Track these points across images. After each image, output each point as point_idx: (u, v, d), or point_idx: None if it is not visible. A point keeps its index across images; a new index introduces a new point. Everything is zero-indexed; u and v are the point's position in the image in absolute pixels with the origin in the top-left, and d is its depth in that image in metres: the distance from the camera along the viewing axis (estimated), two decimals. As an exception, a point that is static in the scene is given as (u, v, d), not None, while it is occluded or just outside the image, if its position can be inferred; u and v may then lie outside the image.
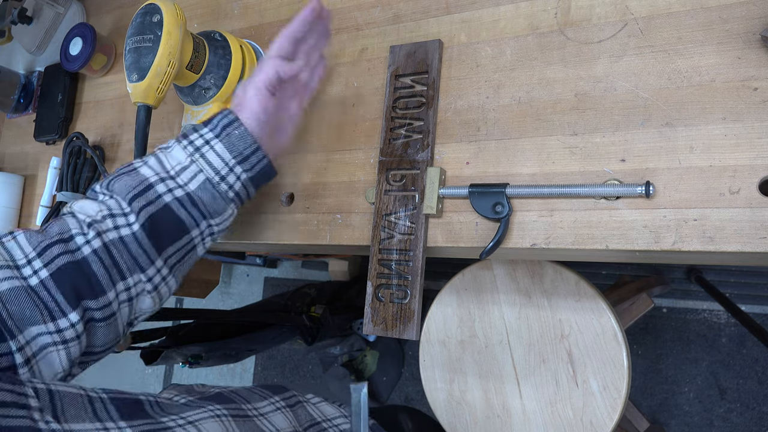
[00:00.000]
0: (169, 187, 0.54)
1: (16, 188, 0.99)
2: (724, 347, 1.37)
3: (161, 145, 0.58)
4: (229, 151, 0.56)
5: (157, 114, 0.86)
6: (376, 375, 1.70)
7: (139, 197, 0.53)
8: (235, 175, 0.56)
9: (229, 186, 0.56)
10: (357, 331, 1.67)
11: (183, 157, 0.55)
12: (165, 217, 0.53)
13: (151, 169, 0.55)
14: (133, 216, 0.52)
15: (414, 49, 0.65)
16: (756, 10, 0.51)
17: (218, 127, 0.56)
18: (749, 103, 0.49)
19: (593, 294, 0.85)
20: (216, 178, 0.55)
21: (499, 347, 0.91)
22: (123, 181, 0.54)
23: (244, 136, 0.56)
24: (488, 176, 0.60)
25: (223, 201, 0.56)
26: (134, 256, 0.52)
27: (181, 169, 0.55)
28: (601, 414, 0.82)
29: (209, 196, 0.55)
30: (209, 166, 0.55)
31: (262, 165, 0.58)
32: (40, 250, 0.48)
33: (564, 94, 0.57)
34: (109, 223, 0.52)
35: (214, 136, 0.56)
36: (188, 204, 0.54)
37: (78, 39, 0.91)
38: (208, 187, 0.55)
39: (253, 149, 0.57)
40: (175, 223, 0.54)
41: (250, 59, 0.75)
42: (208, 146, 0.56)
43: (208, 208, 0.56)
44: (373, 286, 0.62)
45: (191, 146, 0.56)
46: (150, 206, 0.53)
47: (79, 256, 0.49)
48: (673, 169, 0.51)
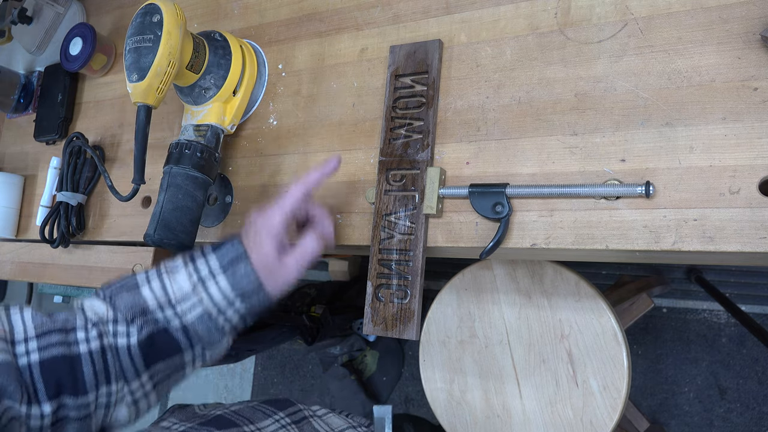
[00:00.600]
0: (166, 316, 0.54)
1: (16, 188, 0.99)
2: (724, 347, 1.37)
3: (169, 264, 0.58)
4: (232, 287, 0.56)
5: (157, 114, 0.86)
6: (376, 375, 1.70)
7: (138, 318, 0.54)
8: (234, 309, 0.56)
9: (226, 320, 0.56)
10: (357, 331, 1.67)
11: (187, 285, 0.55)
12: (162, 337, 0.54)
13: (153, 294, 0.55)
14: (134, 328, 0.53)
15: (414, 49, 0.65)
16: (756, 10, 0.51)
17: (226, 259, 0.56)
18: (749, 103, 0.49)
19: (593, 294, 0.85)
20: (214, 312, 0.55)
21: (499, 347, 0.90)
22: (124, 300, 0.55)
23: (249, 275, 0.56)
24: (488, 176, 0.60)
25: (218, 333, 0.56)
26: (123, 367, 0.52)
27: (183, 297, 0.55)
28: (601, 414, 0.82)
29: (205, 329, 0.55)
30: (210, 300, 0.55)
31: (263, 302, 0.58)
32: (41, 332, 0.49)
33: (564, 94, 0.57)
34: (110, 327, 0.53)
35: (220, 267, 0.56)
36: (184, 332, 0.55)
37: (78, 39, 0.91)
38: (205, 320, 0.55)
39: (256, 287, 0.56)
40: (170, 343, 0.54)
41: (250, 59, 0.75)
42: (213, 279, 0.56)
43: (203, 338, 0.56)
44: (373, 286, 0.62)
45: (196, 274, 0.56)
46: (149, 325, 0.54)
47: (75, 350, 0.50)
48: (673, 169, 0.51)
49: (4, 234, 0.98)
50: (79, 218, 0.89)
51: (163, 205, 0.66)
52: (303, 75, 0.74)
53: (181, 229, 0.67)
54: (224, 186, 0.77)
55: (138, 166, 0.68)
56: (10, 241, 1.01)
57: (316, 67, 0.73)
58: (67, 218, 0.88)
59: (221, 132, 0.73)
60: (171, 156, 0.69)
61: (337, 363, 1.69)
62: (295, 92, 0.74)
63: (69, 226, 0.88)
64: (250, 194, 0.75)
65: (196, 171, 0.68)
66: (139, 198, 0.84)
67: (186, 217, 0.67)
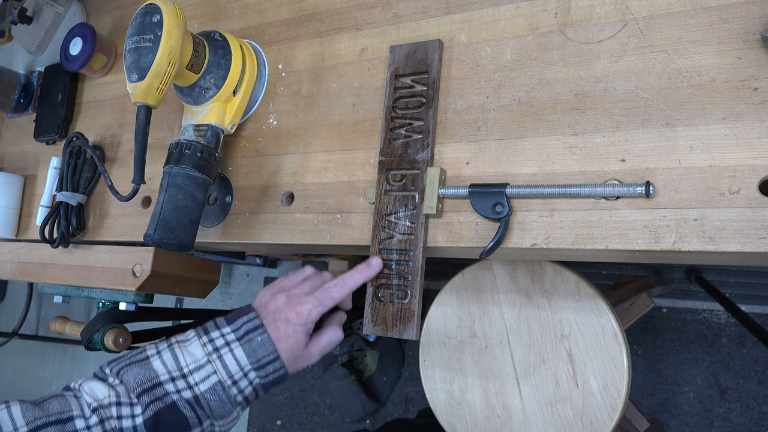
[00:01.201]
0: (178, 388, 0.53)
1: (16, 188, 0.99)
2: (724, 347, 1.36)
3: (180, 336, 0.57)
4: (247, 356, 0.55)
5: (157, 114, 0.86)
6: (376, 375, 1.70)
7: (147, 393, 0.52)
8: (248, 380, 0.56)
9: (239, 390, 0.55)
10: (357, 331, 1.67)
11: (200, 354, 0.55)
12: (170, 414, 0.52)
13: (164, 366, 0.54)
14: (139, 408, 0.52)
15: (414, 49, 0.65)
16: (756, 10, 0.51)
17: (241, 330, 0.56)
18: (749, 103, 0.49)
19: (593, 294, 0.85)
20: (228, 382, 0.55)
21: (499, 347, 0.90)
22: (133, 374, 0.53)
23: (266, 344, 0.56)
24: (488, 176, 0.60)
25: (230, 405, 0.55)
26: None
27: (196, 367, 0.54)
28: (601, 414, 0.82)
29: (217, 400, 0.54)
30: (224, 369, 0.55)
31: (277, 374, 0.57)
32: (34, 427, 0.47)
33: (564, 94, 0.57)
34: (113, 411, 0.51)
35: (236, 338, 0.56)
36: (195, 405, 0.54)
37: (78, 39, 0.91)
38: (218, 390, 0.54)
39: (273, 358, 0.56)
40: (178, 420, 0.53)
41: (250, 59, 0.75)
42: (228, 348, 0.55)
43: (214, 411, 0.54)
44: (373, 286, 0.62)
45: (210, 345, 0.55)
46: (157, 402, 0.52)
47: None
48: (673, 169, 0.51)
49: (4, 234, 0.98)
50: (79, 218, 0.89)
51: (163, 205, 0.66)
52: (303, 75, 0.74)
53: (181, 229, 0.67)
54: (224, 186, 0.77)
55: (138, 166, 0.68)
56: (10, 241, 1.01)
57: (316, 67, 0.73)
58: (67, 218, 0.88)
59: (221, 132, 0.73)
60: (171, 156, 0.69)
61: (337, 363, 1.69)
62: (295, 92, 0.74)
63: (69, 226, 0.88)
64: (250, 194, 0.75)
65: (196, 171, 0.68)
66: (139, 198, 0.84)
67: (186, 217, 0.67)
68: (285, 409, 1.86)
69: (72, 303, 2.33)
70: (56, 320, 1.06)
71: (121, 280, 0.85)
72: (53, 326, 1.05)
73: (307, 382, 1.84)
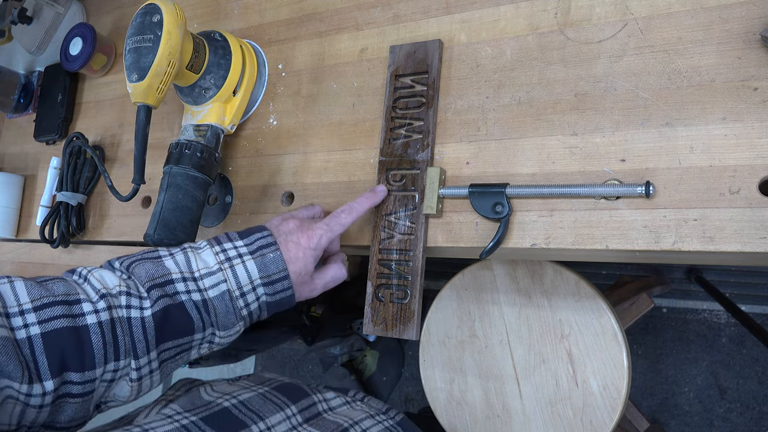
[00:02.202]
0: (188, 288, 0.53)
1: (16, 188, 0.99)
2: (724, 347, 1.37)
3: (192, 243, 0.57)
4: (258, 270, 0.55)
5: (157, 114, 0.86)
6: (376, 375, 1.70)
7: (157, 288, 0.52)
8: (256, 295, 0.56)
9: (246, 304, 0.56)
10: (357, 331, 1.67)
11: (212, 261, 0.55)
12: (177, 313, 0.52)
13: (177, 266, 0.54)
14: (147, 302, 0.51)
15: (414, 49, 0.65)
16: (756, 10, 0.51)
17: (254, 245, 0.56)
18: (749, 103, 0.49)
19: (593, 294, 0.85)
20: (237, 293, 0.55)
21: (499, 347, 0.90)
22: (145, 268, 0.53)
23: (277, 261, 0.56)
24: (488, 176, 0.60)
25: (234, 317, 0.55)
26: (135, 341, 0.50)
27: (207, 273, 0.54)
28: (601, 414, 0.82)
29: (223, 309, 0.54)
30: (234, 279, 0.55)
31: (285, 294, 0.57)
32: (39, 304, 0.45)
33: (564, 94, 0.57)
34: (123, 300, 0.50)
35: (249, 252, 0.56)
36: (202, 309, 0.53)
37: (78, 39, 0.91)
38: (226, 299, 0.54)
39: (282, 276, 0.56)
40: (184, 320, 0.53)
41: (250, 59, 0.75)
42: (240, 260, 0.55)
43: (219, 319, 0.54)
44: (373, 286, 0.62)
45: (223, 254, 0.55)
46: (167, 298, 0.52)
47: (80, 323, 0.47)
48: (673, 169, 0.51)
49: (4, 234, 0.98)
50: (79, 218, 0.89)
51: (163, 205, 0.67)
52: (303, 75, 0.74)
53: (181, 229, 0.67)
54: (224, 186, 0.77)
55: (138, 166, 0.68)
56: (10, 241, 1.01)
57: (316, 67, 0.73)
58: (67, 218, 0.88)
59: (221, 132, 0.73)
60: (171, 156, 0.69)
61: (337, 363, 1.69)
62: (295, 92, 0.74)
63: (69, 226, 0.88)
64: (250, 194, 0.75)
65: (196, 171, 0.68)
66: (139, 198, 0.84)
67: (186, 217, 0.67)
68: (285, 409, 1.86)
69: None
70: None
71: (121, 280, 0.85)
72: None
73: (307, 382, 1.84)
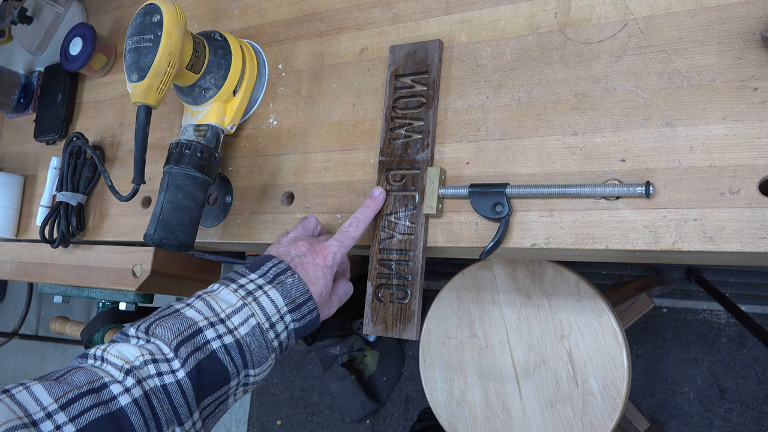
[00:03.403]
0: (218, 333, 0.50)
1: (16, 188, 0.99)
2: (724, 347, 1.36)
3: (205, 289, 0.55)
4: (282, 297, 0.54)
5: (157, 114, 0.86)
6: (376, 375, 1.70)
7: (186, 342, 0.49)
8: (284, 323, 0.54)
9: (276, 335, 0.54)
10: (357, 331, 1.67)
11: (234, 299, 0.53)
12: (211, 365, 0.49)
13: (199, 313, 0.51)
14: (177, 362, 0.48)
15: (414, 49, 0.65)
16: (756, 10, 0.51)
17: (270, 275, 0.55)
18: (749, 103, 0.49)
19: (593, 294, 0.85)
20: (266, 325, 0.53)
21: (499, 347, 0.90)
22: (167, 324, 0.50)
23: (298, 285, 0.55)
24: (488, 176, 0.60)
25: (267, 350, 0.53)
26: (176, 407, 0.47)
27: (233, 311, 0.52)
28: (601, 414, 0.82)
29: (256, 344, 0.52)
30: (261, 311, 0.53)
31: (311, 316, 0.56)
32: (65, 402, 0.42)
33: (564, 94, 0.57)
34: (151, 369, 0.47)
35: (267, 282, 0.55)
36: (235, 351, 0.51)
37: (78, 39, 0.91)
38: (257, 334, 0.52)
39: (306, 298, 0.56)
40: (219, 371, 0.50)
41: (250, 59, 0.75)
42: (262, 291, 0.54)
43: (254, 356, 0.52)
44: (373, 286, 0.62)
45: (242, 290, 0.54)
46: (198, 353, 0.49)
47: (114, 407, 0.44)
48: (673, 169, 0.51)
49: (4, 234, 0.98)
50: (79, 218, 0.89)
51: (163, 205, 0.66)
52: (303, 75, 0.74)
53: (181, 229, 0.67)
54: (224, 186, 0.77)
55: (138, 166, 0.68)
56: (10, 241, 1.01)
57: (316, 67, 0.73)
58: (67, 218, 0.88)
59: (221, 132, 0.73)
60: (171, 156, 0.69)
61: (337, 363, 1.69)
62: (295, 92, 0.74)
63: (69, 226, 0.88)
64: (250, 194, 0.75)
65: (196, 171, 0.68)
66: (139, 198, 0.84)
67: (186, 217, 0.67)
68: (285, 409, 1.86)
69: (72, 303, 2.33)
70: (56, 320, 1.06)
71: (121, 280, 0.85)
72: (53, 326, 1.06)
73: (307, 382, 1.84)
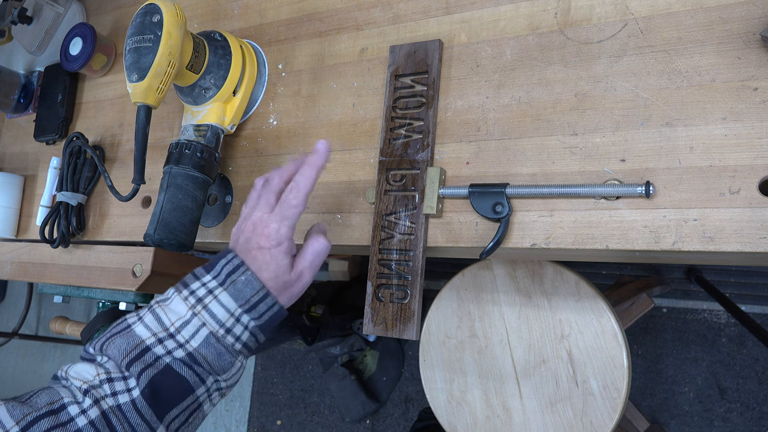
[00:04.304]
0: (167, 349, 0.49)
1: (16, 188, 0.99)
2: (724, 347, 1.37)
3: (159, 297, 0.53)
4: (234, 299, 0.51)
5: (157, 114, 0.86)
6: (376, 375, 1.70)
7: (135, 361, 0.48)
8: (242, 325, 0.52)
9: (235, 338, 0.51)
10: (357, 331, 1.67)
11: (183, 309, 0.51)
12: (166, 379, 0.48)
13: (148, 329, 0.50)
14: (132, 380, 0.48)
15: (414, 49, 0.65)
16: (756, 10, 0.51)
17: (222, 274, 0.52)
18: (749, 103, 0.49)
19: (593, 294, 0.85)
20: (221, 332, 0.51)
21: (499, 347, 0.90)
22: (116, 344, 0.49)
23: (251, 282, 0.52)
24: (488, 176, 0.60)
25: (229, 355, 0.51)
26: (133, 426, 0.47)
27: (182, 324, 0.50)
28: (601, 414, 0.82)
29: (213, 353, 0.50)
30: (213, 318, 0.51)
31: (272, 312, 0.53)
32: (25, 424, 0.43)
33: (564, 94, 0.57)
34: (107, 388, 0.47)
35: (218, 284, 0.52)
36: (191, 363, 0.50)
37: (78, 39, 0.91)
38: (212, 342, 0.50)
39: (262, 296, 0.52)
40: (178, 384, 0.49)
41: (250, 59, 0.75)
42: (212, 296, 0.51)
43: (213, 365, 0.51)
44: (373, 286, 0.62)
45: (193, 297, 0.51)
46: (149, 369, 0.48)
47: (72, 428, 0.44)
48: (673, 169, 0.51)
49: (4, 234, 0.98)
50: (79, 218, 0.89)
51: (163, 205, 0.67)
52: (303, 75, 0.74)
53: (181, 229, 0.67)
54: (224, 186, 0.77)
55: (138, 166, 0.68)
56: (10, 241, 1.01)
57: (316, 67, 0.73)
58: (67, 218, 0.88)
59: (221, 132, 0.73)
60: (171, 156, 0.69)
61: (337, 363, 1.69)
62: (295, 92, 0.74)
63: (69, 226, 0.88)
64: (250, 194, 0.75)
65: (196, 171, 0.68)
66: (139, 198, 0.84)
67: (186, 217, 0.67)
68: (285, 409, 1.86)
69: (72, 303, 2.33)
70: (56, 320, 1.06)
71: (121, 280, 0.85)
72: (53, 326, 1.06)
73: (307, 382, 1.84)
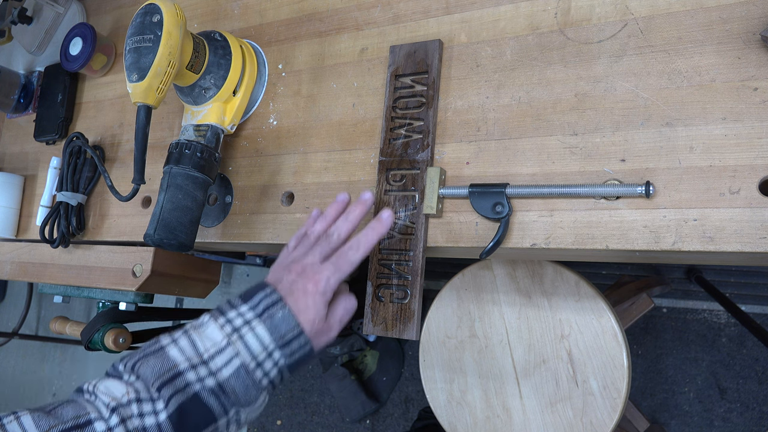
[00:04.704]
0: (199, 376, 0.50)
1: (16, 188, 0.99)
2: (724, 347, 1.36)
3: (195, 322, 0.54)
4: (270, 333, 0.51)
5: (157, 114, 0.86)
6: (376, 375, 1.70)
7: (167, 385, 0.49)
8: (273, 361, 0.52)
9: (264, 373, 0.52)
10: (357, 331, 1.67)
11: (219, 337, 0.51)
12: (194, 406, 0.49)
13: (182, 353, 0.50)
14: (161, 403, 0.48)
15: (414, 49, 0.65)
16: (756, 10, 0.51)
17: (260, 307, 0.52)
18: (749, 103, 0.49)
19: (593, 294, 0.85)
20: (252, 365, 0.51)
21: (499, 347, 0.90)
22: (150, 365, 0.50)
23: (288, 319, 0.52)
24: (488, 176, 0.60)
25: (255, 390, 0.51)
26: None
27: (216, 351, 0.51)
28: (601, 414, 0.82)
29: (242, 386, 0.51)
30: (247, 350, 0.51)
31: (303, 351, 0.53)
32: None
33: (564, 94, 0.57)
34: (134, 408, 0.48)
35: (256, 316, 0.52)
36: (219, 393, 0.50)
37: (78, 39, 0.91)
38: (242, 375, 0.50)
39: (296, 333, 0.52)
40: (203, 413, 0.49)
41: (250, 59, 0.75)
42: (248, 327, 0.51)
43: (240, 397, 0.51)
44: (373, 286, 0.62)
45: (229, 325, 0.52)
46: (179, 394, 0.48)
47: None
48: (673, 169, 0.51)
49: (4, 234, 0.98)
50: (79, 218, 0.89)
51: (163, 205, 0.66)
52: (303, 75, 0.74)
53: (181, 229, 0.67)
54: (224, 186, 0.77)
55: (138, 166, 0.68)
56: (10, 241, 1.01)
57: (316, 67, 0.73)
58: (67, 218, 0.88)
59: (221, 132, 0.73)
60: (171, 156, 0.69)
61: (337, 363, 1.69)
62: (295, 92, 0.74)
63: (69, 226, 0.88)
64: (250, 194, 0.75)
65: (196, 171, 0.68)
66: (139, 198, 0.84)
67: (186, 217, 0.67)
68: (285, 409, 1.86)
69: (72, 303, 2.33)
70: (56, 320, 1.06)
71: (121, 280, 0.85)
72: (53, 326, 1.06)
73: (307, 382, 1.84)
